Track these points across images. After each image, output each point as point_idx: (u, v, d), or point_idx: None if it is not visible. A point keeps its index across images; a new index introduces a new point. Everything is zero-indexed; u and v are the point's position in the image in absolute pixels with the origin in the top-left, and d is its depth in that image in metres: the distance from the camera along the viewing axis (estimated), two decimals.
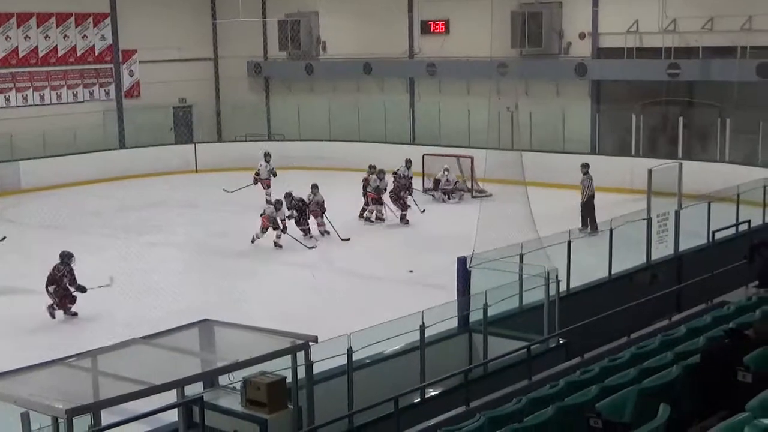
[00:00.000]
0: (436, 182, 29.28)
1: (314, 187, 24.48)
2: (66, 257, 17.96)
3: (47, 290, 17.68)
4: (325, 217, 23.90)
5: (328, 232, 23.90)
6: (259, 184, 28.49)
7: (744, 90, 28.03)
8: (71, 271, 17.88)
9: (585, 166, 24.27)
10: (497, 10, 26.35)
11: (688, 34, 28.75)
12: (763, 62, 26.97)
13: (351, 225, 24.79)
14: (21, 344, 15.98)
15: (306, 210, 23.97)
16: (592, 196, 23.92)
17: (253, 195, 27.11)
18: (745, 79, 27.41)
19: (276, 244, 22.95)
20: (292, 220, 23.64)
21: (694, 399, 8.03)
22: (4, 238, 22.26)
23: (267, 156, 29.10)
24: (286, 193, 24.04)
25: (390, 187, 26.32)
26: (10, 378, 9.39)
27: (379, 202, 25.84)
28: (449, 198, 28.89)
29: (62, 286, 17.70)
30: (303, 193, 24.19)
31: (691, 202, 18.86)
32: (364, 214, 25.98)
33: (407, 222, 25.51)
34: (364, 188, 26.21)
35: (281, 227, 23.05)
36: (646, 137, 29.77)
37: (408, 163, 27.59)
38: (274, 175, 28.67)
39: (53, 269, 17.81)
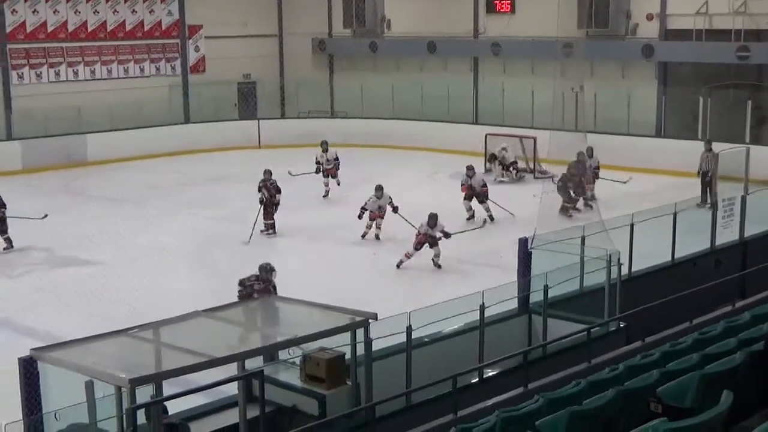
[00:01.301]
0: (492, 156, 29.12)
1: (378, 188, 21.83)
2: (265, 271, 14.72)
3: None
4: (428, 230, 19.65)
5: (379, 237, 21.85)
6: (324, 173, 26.70)
7: None
8: (268, 289, 14.80)
9: (708, 143, 24.21)
10: None
11: (759, 16, 28.26)
12: None
13: (418, 208, 24.82)
14: (85, 315, 16.23)
15: (273, 200, 22.24)
16: (706, 172, 23.71)
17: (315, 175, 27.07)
18: None
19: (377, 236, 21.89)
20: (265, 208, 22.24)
21: (758, 386, 7.93)
22: (46, 215, 21.96)
23: (324, 144, 26.99)
24: (265, 170, 22.66)
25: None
26: (75, 347, 9.55)
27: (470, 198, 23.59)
28: (507, 172, 28.63)
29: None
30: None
31: (759, 188, 18.60)
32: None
33: (577, 209, 23.42)
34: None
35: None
36: (712, 121, 29.34)
37: (589, 151, 24.87)
38: (336, 168, 26.59)
39: (248, 277, 14.89)
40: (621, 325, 13.13)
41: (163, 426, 8.81)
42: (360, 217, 21.73)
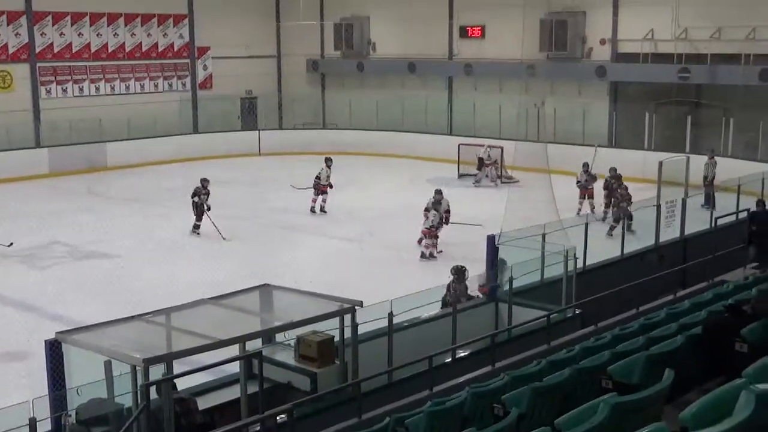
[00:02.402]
0: (480, 160, 29.14)
1: (438, 192, 20.29)
2: (461, 272, 14.21)
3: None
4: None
5: (435, 257, 19.66)
6: (315, 189, 24.59)
7: (747, 93, 27.66)
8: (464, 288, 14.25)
9: (710, 152, 24.02)
10: (528, 18, 26.19)
11: (698, 41, 28.35)
12: (764, 68, 26.58)
13: (397, 204, 24.74)
14: (104, 302, 16.14)
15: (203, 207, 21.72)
16: (706, 177, 23.30)
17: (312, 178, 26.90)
18: (748, 83, 27.07)
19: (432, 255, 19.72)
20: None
21: (696, 365, 7.94)
22: (11, 243, 20.19)
23: (329, 161, 25.01)
24: (205, 179, 22.18)
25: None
26: (95, 331, 9.48)
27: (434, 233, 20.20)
28: (491, 172, 28.61)
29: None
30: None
31: (697, 192, 18.63)
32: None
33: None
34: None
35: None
36: (657, 133, 29.43)
37: (612, 171, 22.85)
38: (330, 186, 24.44)
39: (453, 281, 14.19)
40: (576, 312, 13.12)
41: (173, 400, 8.76)
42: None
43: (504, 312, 13.64)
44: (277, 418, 8.75)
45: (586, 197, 23.83)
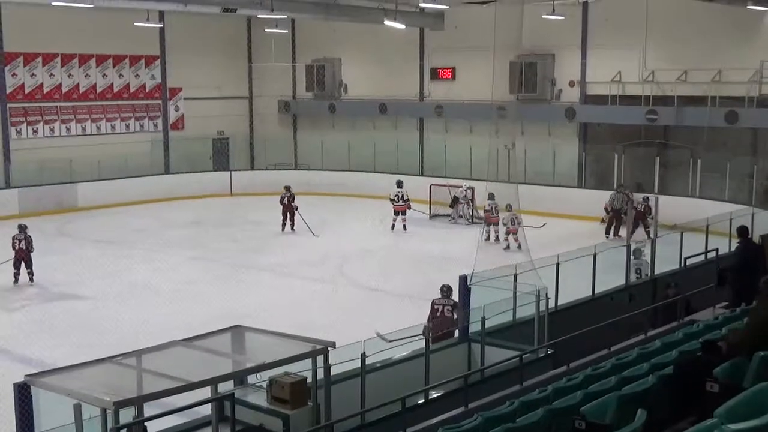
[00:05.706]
0: (455, 198, 29.24)
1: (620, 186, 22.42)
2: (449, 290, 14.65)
3: None
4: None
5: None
6: (394, 211, 27.81)
7: (713, 134, 28.01)
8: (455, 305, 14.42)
9: (620, 186, 24.42)
10: (498, 60, 26.36)
11: (665, 84, 28.75)
12: (730, 110, 26.95)
13: (369, 245, 24.73)
14: (74, 344, 15.94)
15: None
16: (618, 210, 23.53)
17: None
18: (715, 125, 27.41)
19: None
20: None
21: (668, 405, 7.96)
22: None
23: (398, 183, 28.15)
24: (286, 186, 26.19)
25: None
26: (64, 373, 9.36)
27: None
28: (467, 208, 28.79)
29: None
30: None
31: (666, 232, 18.75)
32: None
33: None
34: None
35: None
36: (626, 174, 29.72)
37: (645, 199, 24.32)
38: (408, 206, 27.56)
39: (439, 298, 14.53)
40: (549, 352, 13.12)
41: None
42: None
43: (477, 352, 13.61)
44: None
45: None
